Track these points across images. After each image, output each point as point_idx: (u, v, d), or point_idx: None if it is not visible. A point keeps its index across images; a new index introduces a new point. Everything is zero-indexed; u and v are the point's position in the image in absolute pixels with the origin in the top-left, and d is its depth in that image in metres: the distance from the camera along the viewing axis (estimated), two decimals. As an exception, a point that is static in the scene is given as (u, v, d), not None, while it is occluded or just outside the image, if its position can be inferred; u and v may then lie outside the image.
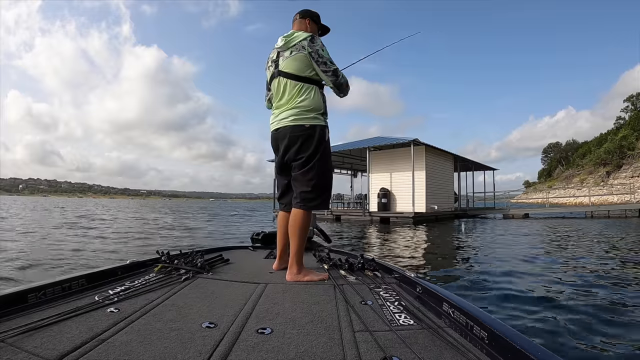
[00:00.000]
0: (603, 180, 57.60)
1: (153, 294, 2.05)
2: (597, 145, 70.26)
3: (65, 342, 1.34)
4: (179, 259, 2.82)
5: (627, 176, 51.33)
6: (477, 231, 14.94)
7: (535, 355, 1.14)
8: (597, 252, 8.51)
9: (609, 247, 9.55)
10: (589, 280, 5.54)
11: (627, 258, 7.77)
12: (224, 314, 1.73)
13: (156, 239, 11.77)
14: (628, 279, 5.61)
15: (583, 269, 6.52)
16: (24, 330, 1.41)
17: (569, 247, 9.51)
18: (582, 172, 70.04)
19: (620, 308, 4.13)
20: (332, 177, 2.83)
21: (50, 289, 1.90)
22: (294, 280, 2.48)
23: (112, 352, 1.28)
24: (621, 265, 6.86)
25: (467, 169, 32.09)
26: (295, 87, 2.66)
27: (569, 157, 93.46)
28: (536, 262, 7.27)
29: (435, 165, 23.31)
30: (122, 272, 2.46)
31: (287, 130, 2.67)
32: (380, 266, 2.80)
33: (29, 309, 1.69)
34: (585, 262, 7.25)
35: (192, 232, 14.58)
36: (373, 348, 1.36)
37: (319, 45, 2.65)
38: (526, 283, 5.33)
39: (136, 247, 9.47)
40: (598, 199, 35.13)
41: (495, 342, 1.34)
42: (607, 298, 4.51)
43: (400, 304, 1.93)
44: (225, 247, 3.80)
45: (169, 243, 10.54)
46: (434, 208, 21.85)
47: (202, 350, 1.31)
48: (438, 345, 1.39)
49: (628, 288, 5.02)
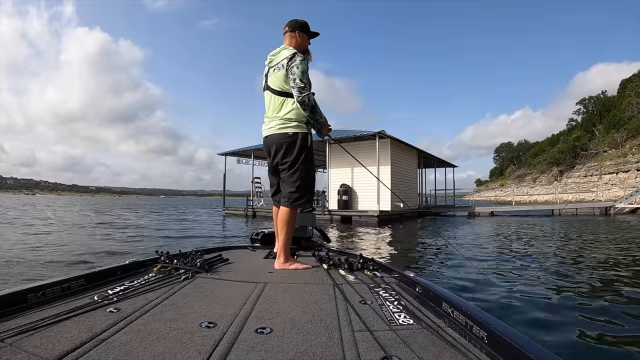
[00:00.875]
0: (556, 179, 59.08)
1: (152, 293, 2.05)
2: (550, 146, 72.29)
3: (65, 342, 1.34)
4: (178, 258, 2.81)
5: (581, 175, 52.77)
6: (459, 233, 14.00)
7: (534, 355, 1.15)
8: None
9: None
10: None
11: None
12: (223, 313, 1.74)
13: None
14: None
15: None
16: (23, 330, 1.42)
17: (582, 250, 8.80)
18: (535, 171, 71.64)
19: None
20: (315, 179, 3.30)
21: (50, 289, 1.91)
22: (281, 268, 2.81)
23: (111, 352, 1.28)
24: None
25: (429, 165, 31.48)
26: (278, 101, 3.05)
27: (520, 156, 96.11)
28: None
29: (401, 160, 22.17)
30: (121, 272, 2.47)
31: (274, 137, 3.06)
32: (379, 266, 2.83)
33: (28, 309, 1.69)
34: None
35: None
36: (372, 347, 1.37)
37: (296, 62, 2.90)
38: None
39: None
40: (553, 197, 35.47)
41: (494, 341, 1.35)
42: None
43: (399, 303, 1.95)
44: (224, 247, 3.84)
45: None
46: (400, 206, 20.55)
47: (202, 350, 1.31)
48: (437, 345, 1.40)
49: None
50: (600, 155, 51.79)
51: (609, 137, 53.64)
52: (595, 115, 64.97)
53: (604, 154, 50.77)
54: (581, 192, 41.08)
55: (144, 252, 7.82)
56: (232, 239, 12.05)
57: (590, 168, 51.43)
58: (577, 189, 44.42)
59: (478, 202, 44.26)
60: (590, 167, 51.63)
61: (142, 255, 3.00)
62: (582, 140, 60.05)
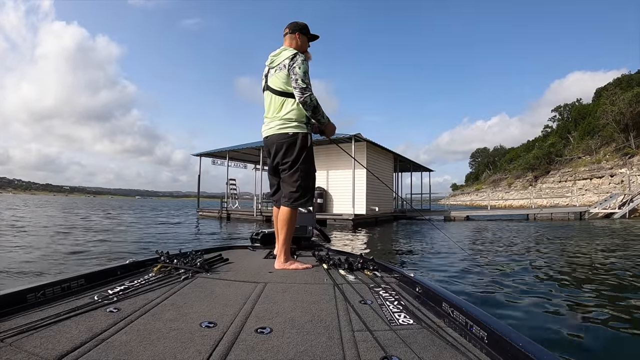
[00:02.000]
0: (531, 184, 59.80)
1: (152, 293, 2.05)
2: (525, 151, 73.26)
3: (65, 342, 1.34)
4: (178, 258, 2.81)
5: (555, 181, 53.38)
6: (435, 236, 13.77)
7: (534, 354, 1.15)
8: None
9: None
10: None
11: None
12: (223, 313, 1.74)
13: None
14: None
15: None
16: (23, 330, 1.42)
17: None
18: (510, 176, 72.44)
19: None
20: (315, 179, 3.22)
21: (50, 289, 1.91)
22: (281, 268, 2.82)
23: (111, 352, 1.28)
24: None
25: (405, 169, 31.43)
26: (279, 101, 3.04)
27: (496, 161, 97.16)
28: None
29: (377, 163, 21.80)
30: (121, 271, 2.48)
31: (275, 137, 3.07)
32: (379, 266, 2.82)
33: (28, 309, 1.69)
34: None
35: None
36: (372, 347, 1.37)
37: (297, 63, 2.91)
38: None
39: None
40: (528, 202, 35.92)
41: (494, 341, 1.35)
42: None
43: (399, 303, 1.95)
44: (224, 247, 3.85)
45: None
46: (375, 210, 20.33)
47: (202, 350, 1.31)
48: (437, 345, 1.41)
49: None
50: (575, 161, 52.66)
51: (583, 144, 54.64)
52: (570, 122, 66.10)
53: (579, 160, 51.63)
54: (555, 197, 41.80)
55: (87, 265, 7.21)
56: (204, 244, 11.45)
57: (564, 174, 52.11)
58: (552, 194, 45.05)
59: (454, 206, 44.42)
60: (564, 173, 52.33)
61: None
62: (557, 146, 61.01)
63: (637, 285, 5.39)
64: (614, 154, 43.57)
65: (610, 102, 44.22)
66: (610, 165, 41.80)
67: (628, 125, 41.49)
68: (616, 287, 5.25)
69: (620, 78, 57.68)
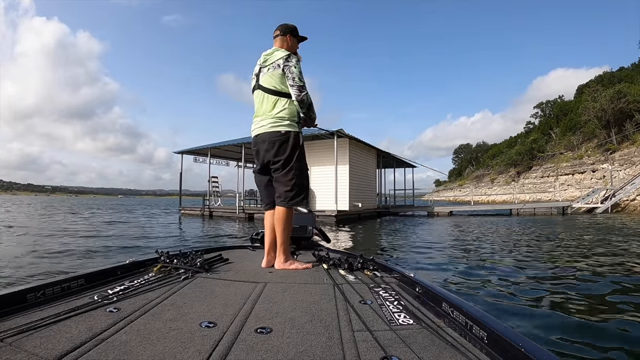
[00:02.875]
0: (514, 179, 60.21)
1: (152, 293, 2.05)
2: (508, 147, 73.86)
3: (65, 341, 1.35)
4: (178, 258, 2.81)
5: (538, 176, 53.87)
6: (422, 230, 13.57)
7: (534, 355, 1.15)
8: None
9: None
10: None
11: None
12: (223, 313, 1.74)
13: None
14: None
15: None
16: (23, 330, 1.42)
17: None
18: (493, 172, 72.93)
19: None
20: (308, 177, 3.22)
21: (50, 289, 1.91)
22: (281, 268, 2.84)
23: (111, 352, 1.28)
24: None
25: (388, 165, 31.25)
26: (271, 100, 3.03)
27: (479, 157, 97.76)
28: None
29: (359, 159, 21.63)
30: (121, 271, 2.47)
31: (266, 135, 3.03)
32: (379, 266, 2.80)
33: (28, 309, 1.69)
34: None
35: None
36: (372, 347, 1.37)
37: (292, 63, 2.97)
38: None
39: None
40: (511, 198, 36.12)
41: (494, 342, 1.35)
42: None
43: (399, 303, 1.95)
44: (224, 247, 3.85)
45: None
46: (358, 206, 20.15)
47: (202, 350, 1.32)
48: (437, 345, 1.41)
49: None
50: (557, 157, 53.03)
51: (565, 140, 55.01)
52: (552, 119, 66.76)
53: (561, 155, 52.01)
54: (538, 192, 41.93)
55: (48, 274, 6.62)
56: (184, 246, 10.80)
57: (547, 169, 52.55)
58: (534, 189, 45.30)
59: (437, 202, 44.48)
60: (547, 169, 52.75)
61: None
62: (539, 142, 61.27)
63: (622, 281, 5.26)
64: (596, 150, 43.91)
65: (592, 98, 44.63)
66: (592, 161, 42.20)
67: (610, 122, 41.89)
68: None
69: (602, 75, 58.28)
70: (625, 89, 41.44)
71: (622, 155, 36.88)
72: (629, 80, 45.56)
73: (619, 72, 55.56)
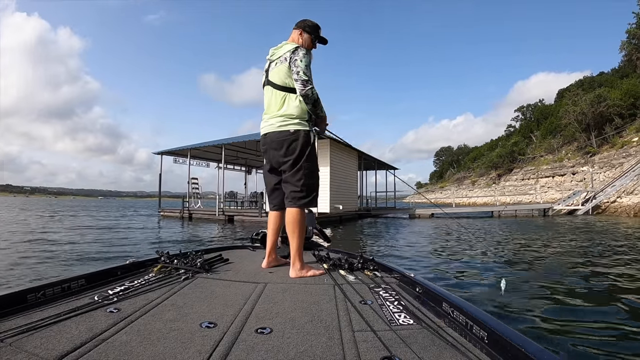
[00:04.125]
0: (494, 182, 60.59)
1: (153, 293, 2.05)
2: (489, 150, 74.56)
3: (65, 342, 1.35)
4: (179, 258, 2.80)
5: (518, 179, 54.25)
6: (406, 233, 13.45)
7: (535, 355, 1.15)
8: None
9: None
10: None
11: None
12: (223, 313, 1.74)
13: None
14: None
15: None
16: (23, 330, 1.42)
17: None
18: (473, 175, 73.42)
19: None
20: (319, 177, 3.05)
21: (50, 289, 1.91)
22: (298, 276, 2.62)
23: (111, 352, 1.28)
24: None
25: (369, 167, 31.20)
26: (279, 96, 2.86)
27: (460, 160, 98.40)
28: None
29: (340, 161, 21.39)
30: (121, 272, 2.46)
31: (275, 135, 2.87)
32: (380, 266, 2.81)
33: (29, 309, 1.69)
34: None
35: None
36: (373, 347, 1.37)
37: (299, 55, 2.78)
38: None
39: None
40: (492, 200, 36.41)
41: (495, 341, 1.35)
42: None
43: (400, 303, 1.95)
44: (224, 247, 3.80)
45: None
46: (339, 208, 19.93)
47: (202, 350, 1.31)
48: (438, 345, 1.41)
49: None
50: (537, 159, 53.52)
51: (545, 143, 55.72)
52: (533, 122, 67.36)
53: (541, 158, 52.60)
54: (519, 194, 42.32)
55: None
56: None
57: (527, 172, 52.93)
58: (515, 191, 45.64)
59: (419, 204, 44.56)
60: (527, 171, 53.14)
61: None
62: (519, 145, 61.83)
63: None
64: (576, 153, 44.50)
65: (573, 102, 45.16)
66: (572, 164, 42.70)
67: (590, 125, 42.36)
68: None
69: (582, 80, 59.03)
70: (605, 93, 41.98)
71: (601, 158, 37.32)
72: (609, 85, 46.14)
73: (599, 76, 56.29)
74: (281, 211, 3.03)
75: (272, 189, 3.12)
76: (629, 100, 39.99)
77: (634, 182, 26.34)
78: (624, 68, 48.46)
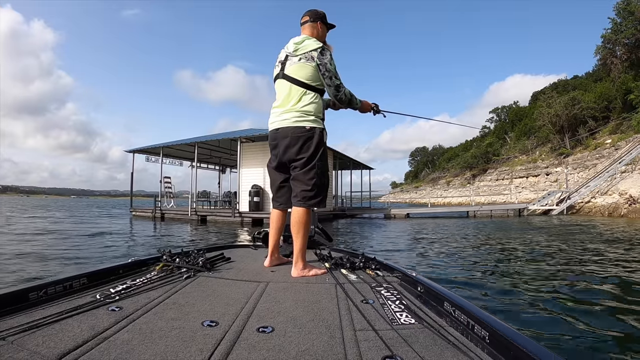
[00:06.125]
0: (469, 182, 61.28)
1: (154, 292, 2.05)
2: (464, 151, 75.49)
3: (67, 340, 1.34)
4: (181, 257, 2.80)
5: (493, 179, 54.82)
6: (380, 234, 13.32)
7: (536, 354, 1.15)
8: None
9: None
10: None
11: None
12: (225, 312, 1.74)
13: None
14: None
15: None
16: (25, 329, 1.41)
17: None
18: (448, 175, 74.18)
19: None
20: (329, 178, 3.00)
21: (52, 288, 1.90)
22: (300, 275, 2.58)
23: (113, 351, 1.28)
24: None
25: (345, 167, 31.19)
26: (299, 92, 2.77)
27: (435, 160, 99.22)
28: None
29: (315, 161, 20.91)
30: (123, 270, 2.47)
31: (289, 130, 2.78)
32: (381, 265, 2.80)
33: (31, 308, 1.69)
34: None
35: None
36: (374, 347, 1.37)
37: (327, 58, 2.75)
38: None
39: None
40: (467, 200, 36.69)
41: (496, 341, 1.34)
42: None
43: (401, 302, 1.94)
44: (226, 246, 3.82)
45: None
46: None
47: (204, 349, 1.31)
48: (439, 344, 1.40)
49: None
50: (512, 160, 54.34)
51: (519, 144, 56.54)
52: (507, 124, 68.47)
53: (515, 159, 53.42)
54: (493, 194, 42.77)
55: None
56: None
57: (502, 172, 53.55)
58: (490, 191, 46.10)
59: (394, 203, 44.62)
60: (502, 172, 53.75)
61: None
62: (494, 146, 62.69)
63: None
64: (550, 154, 45.32)
65: (547, 104, 45.76)
66: (546, 165, 43.42)
67: (563, 127, 43.04)
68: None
69: (556, 82, 60.16)
70: (579, 96, 42.70)
71: (575, 160, 37.99)
72: (583, 88, 47.10)
73: (573, 80, 57.35)
74: (285, 210, 2.98)
75: (278, 187, 3.04)
76: (602, 103, 40.77)
77: (608, 183, 26.73)
78: (598, 72, 49.23)
